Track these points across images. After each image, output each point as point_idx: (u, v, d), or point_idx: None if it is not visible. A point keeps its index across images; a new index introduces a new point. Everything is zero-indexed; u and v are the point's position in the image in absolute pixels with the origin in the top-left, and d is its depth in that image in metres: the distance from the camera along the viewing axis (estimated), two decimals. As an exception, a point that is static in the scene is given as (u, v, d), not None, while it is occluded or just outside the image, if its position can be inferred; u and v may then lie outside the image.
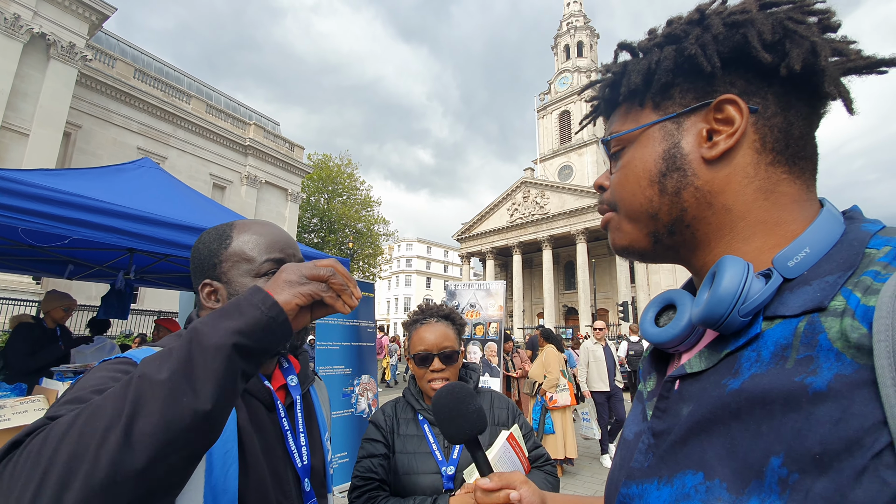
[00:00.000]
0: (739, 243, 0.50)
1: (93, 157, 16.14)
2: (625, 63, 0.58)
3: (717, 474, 0.40)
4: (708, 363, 0.47)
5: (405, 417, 1.47)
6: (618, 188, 0.58)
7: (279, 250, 0.90)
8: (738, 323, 0.44)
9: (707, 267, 0.54)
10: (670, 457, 0.46)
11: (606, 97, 0.62)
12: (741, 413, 0.40)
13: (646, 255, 0.58)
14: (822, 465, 0.34)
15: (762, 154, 0.50)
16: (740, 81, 0.50)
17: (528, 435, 1.47)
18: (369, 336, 4.84)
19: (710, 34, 0.50)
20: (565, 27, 48.69)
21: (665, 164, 0.53)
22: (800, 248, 0.46)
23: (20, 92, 13.02)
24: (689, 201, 0.52)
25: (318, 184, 29.95)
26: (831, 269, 0.43)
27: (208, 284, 0.88)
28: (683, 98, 0.53)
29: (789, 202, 0.49)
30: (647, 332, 0.56)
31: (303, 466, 0.91)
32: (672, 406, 0.49)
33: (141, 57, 21.97)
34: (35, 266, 4.85)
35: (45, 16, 13.51)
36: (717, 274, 0.46)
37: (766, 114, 0.49)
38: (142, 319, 15.10)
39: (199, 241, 0.93)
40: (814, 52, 0.47)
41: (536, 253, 39.85)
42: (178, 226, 3.24)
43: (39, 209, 2.58)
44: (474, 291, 6.84)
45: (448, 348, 1.44)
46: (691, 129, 0.52)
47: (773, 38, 0.48)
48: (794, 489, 0.35)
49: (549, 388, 5.75)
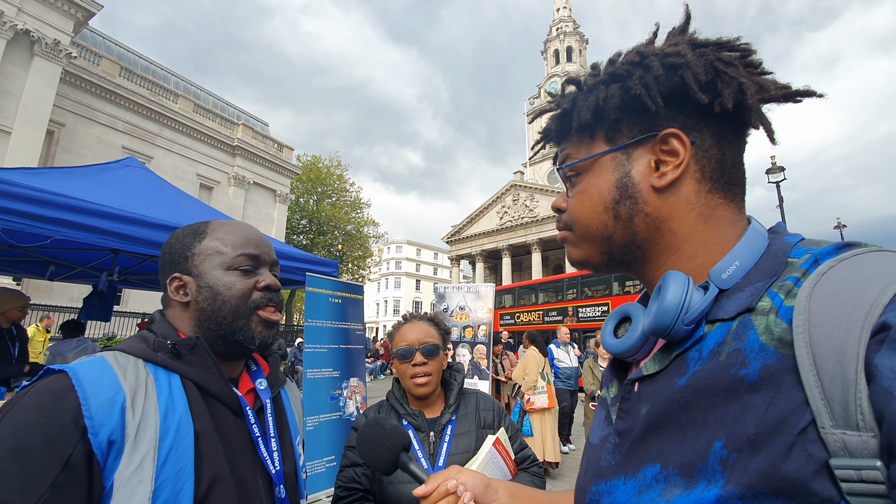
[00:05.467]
0: (684, 262, 0.56)
1: (76, 156, 15.85)
2: (574, 97, 0.63)
3: (671, 463, 0.45)
4: (661, 365, 0.52)
5: None
6: (575, 212, 0.63)
7: (254, 247, 0.90)
8: (682, 331, 0.49)
9: (656, 280, 0.59)
10: (633, 453, 0.50)
11: (557, 128, 0.66)
12: (689, 406, 0.45)
13: (600, 268, 0.64)
14: (756, 444, 0.38)
15: (702, 183, 0.55)
16: (680, 116, 0.56)
17: (514, 437, 1.47)
18: (358, 339, 4.81)
19: (652, 75, 0.55)
20: (555, 32, 49.09)
21: (618, 192, 0.58)
22: (731, 262, 0.51)
23: (2, 89, 12.77)
24: (640, 226, 0.57)
25: (307, 185, 29.74)
26: (759, 277, 0.49)
27: (177, 278, 0.87)
28: (631, 131, 0.58)
29: (725, 224, 0.55)
30: (607, 343, 0.61)
31: (276, 473, 0.88)
32: (633, 407, 0.54)
33: (127, 55, 21.68)
34: (15, 267, 4.74)
35: (30, 12, 13.28)
36: (662, 289, 0.51)
37: (703, 146, 0.55)
38: (125, 322, 14.83)
39: (173, 236, 0.92)
40: (741, 90, 0.53)
41: (526, 256, 39.97)
42: (163, 226, 3.20)
43: (20, 208, 2.53)
44: (464, 294, 6.84)
45: (429, 343, 1.44)
46: (640, 160, 0.57)
47: (707, 78, 0.53)
48: (733, 468, 0.39)
49: (526, 390, 5.77)
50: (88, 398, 0.66)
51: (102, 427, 0.66)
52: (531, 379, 5.79)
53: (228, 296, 0.85)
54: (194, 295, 0.86)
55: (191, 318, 0.86)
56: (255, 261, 0.90)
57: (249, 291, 0.87)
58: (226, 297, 0.85)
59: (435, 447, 1.39)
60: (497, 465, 1.18)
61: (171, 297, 0.87)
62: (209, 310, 0.85)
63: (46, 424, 0.63)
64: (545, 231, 35.49)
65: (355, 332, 4.77)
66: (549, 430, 5.78)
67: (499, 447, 1.20)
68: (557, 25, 49.36)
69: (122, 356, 0.76)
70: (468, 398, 1.53)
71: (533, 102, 49.30)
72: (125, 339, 0.83)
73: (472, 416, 1.47)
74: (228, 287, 0.85)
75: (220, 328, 0.85)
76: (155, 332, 0.84)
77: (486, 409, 1.51)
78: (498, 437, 1.22)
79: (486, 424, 1.47)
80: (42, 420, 0.63)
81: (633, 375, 0.56)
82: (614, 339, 0.60)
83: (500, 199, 40.06)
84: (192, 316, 0.86)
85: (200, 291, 0.85)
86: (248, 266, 0.88)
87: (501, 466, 1.20)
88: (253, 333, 0.86)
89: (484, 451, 1.17)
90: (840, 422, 0.36)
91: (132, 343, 0.80)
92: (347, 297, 4.69)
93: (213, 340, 0.85)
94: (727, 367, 0.43)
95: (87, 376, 0.69)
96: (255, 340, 0.86)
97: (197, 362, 0.81)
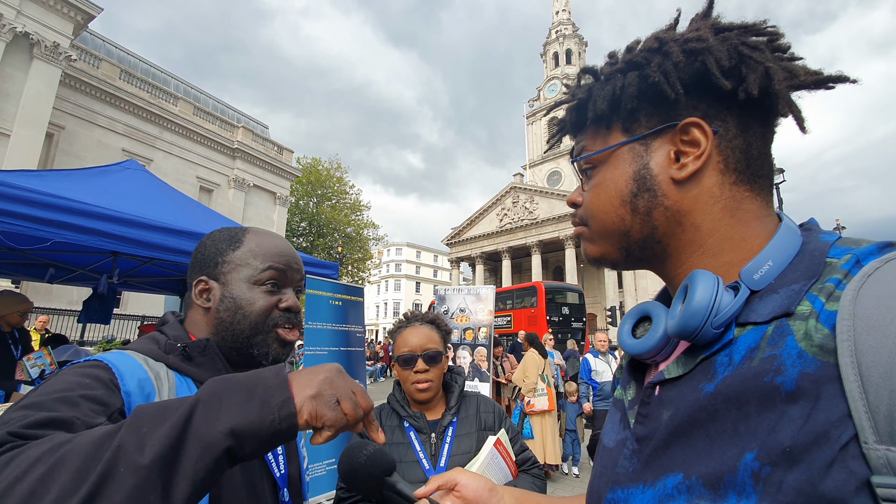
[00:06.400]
0: (709, 258, 0.53)
1: (76, 158, 15.86)
2: (590, 87, 0.60)
3: (695, 472, 0.42)
4: (684, 368, 0.49)
5: (390, 425, 1.45)
6: (591, 206, 0.60)
7: (283, 261, 0.89)
8: (711, 335, 0.47)
9: (679, 277, 0.56)
10: (654, 461, 0.47)
11: (573, 120, 0.64)
12: (718, 414, 0.42)
13: (618, 265, 0.62)
14: (792, 458, 0.36)
15: (726, 174, 0.52)
16: (702, 105, 0.53)
17: (514, 438, 1.46)
18: (358, 341, 4.80)
19: (671, 62, 0.52)
20: (554, 35, 49.26)
21: (636, 185, 0.55)
22: (763, 261, 0.49)
23: (2, 92, 12.79)
24: (659, 220, 0.55)
25: (307, 187, 29.78)
26: (796, 278, 0.46)
27: (203, 282, 0.87)
28: (649, 121, 0.55)
29: (752, 218, 0.52)
30: (625, 344, 0.58)
31: (281, 476, 0.88)
32: (653, 411, 0.51)
33: (127, 58, 21.70)
34: (14, 269, 4.74)
35: (29, 15, 13.30)
36: (690, 288, 0.48)
37: (727, 136, 0.52)
38: (125, 324, 14.81)
39: (209, 238, 0.92)
40: (768, 76, 0.50)
41: (525, 258, 39.99)
42: (163, 229, 3.20)
43: (19, 211, 2.53)
44: (464, 296, 6.84)
45: (432, 349, 1.44)
46: (659, 151, 0.55)
47: (730, 63, 0.50)
48: (767, 482, 0.37)
49: (526, 392, 5.77)
50: (124, 376, 0.69)
51: (135, 405, 0.67)
52: (531, 381, 5.79)
53: (250, 311, 0.85)
54: (216, 303, 0.86)
55: (209, 324, 0.86)
56: (282, 276, 0.89)
57: (270, 309, 0.87)
58: (247, 312, 0.85)
59: (436, 448, 1.39)
60: (498, 466, 1.18)
61: (193, 299, 0.87)
62: (228, 321, 0.85)
63: (93, 383, 0.65)
64: (545, 233, 35.53)
65: (355, 334, 4.77)
66: (550, 432, 5.79)
67: (500, 448, 1.20)
68: (557, 28, 49.53)
69: (140, 354, 0.77)
70: (469, 400, 1.53)
71: (532, 105, 49.45)
72: (136, 341, 0.83)
73: (472, 419, 1.47)
74: (251, 303, 0.85)
75: (236, 341, 0.85)
76: (166, 335, 0.84)
77: (486, 411, 1.51)
78: (499, 437, 1.22)
79: (486, 426, 1.47)
80: (87, 381, 0.65)
81: (653, 378, 0.53)
82: (633, 340, 0.58)
83: (499, 202, 40.11)
84: (210, 322, 0.86)
85: (223, 301, 0.85)
86: (273, 281, 0.88)
87: (503, 467, 1.19)
88: (269, 350, 0.86)
89: (485, 451, 1.17)
90: (885, 437, 0.33)
91: (144, 344, 0.81)
92: (348, 300, 4.69)
93: (226, 349, 0.86)
94: (760, 374, 0.41)
95: (118, 361, 0.71)
96: (269, 356, 0.86)
97: (207, 365, 0.82)
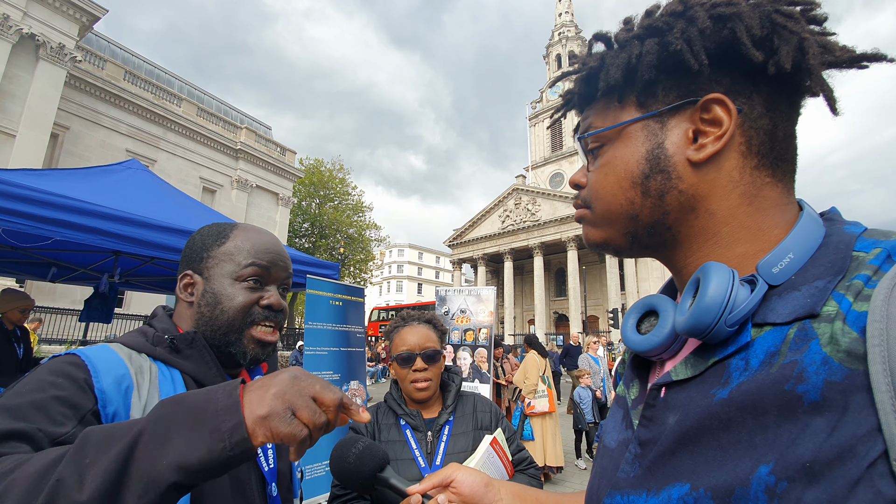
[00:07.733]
0: (723, 248, 0.49)
1: (80, 159, 15.92)
2: (602, 55, 0.54)
3: (703, 484, 0.39)
4: (694, 371, 0.45)
5: (387, 423, 1.45)
6: (596, 187, 0.55)
7: (267, 257, 0.88)
8: (724, 333, 0.43)
9: (688, 268, 0.52)
10: (658, 468, 0.44)
11: (581, 91, 0.57)
12: (731, 423, 0.39)
13: (621, 251, 0.57)
14: (813, 474, 0.33)
15: (748, 157, 0.47)
16: (726, 80, 0.47)
17: (511, 438, 1.46)
18: (358, 341, 4.80)
19: (696, 28, 0.47)
20: (557, 37, 49.26)
21: (649, 166, 0.50)
22: (783, 253, 0.44)
23: (7, 93, 12.85)
24: (672, 204, 0.50)
25: (309, 188, 29.81)
26: (819, 274, 0.41)
27: (188, 276, 0.88)
28: (666, 95, 0.50)
29: (771, 206, 0.48)
30: (630, 340, 0.54)
31: (269, 470, 0.88)
32: (658, 414, 0.47)
33: (131, 59, 21.80)
34: (17, 268, 4.76)
35: (35, 16, 13.37)
36: (702, 282, 0.44)
37: (752, 115, 0.47)
38: (127, 324, 14.85)
39: (199, 232, 0.92)
40: (801, 49, 0.45)
41: (528, 260, 39.96)
42: (164, 228, 3.21)
43: (21, 209, 2.54)
44: (465, 297, 6.83)
45: (430, 348, 1.44)
46: (675, 129, 0.49)
47: (762, 33, 0.45)
48: (783, 498, 0.33)
49: (527, 394, 5.76)
50: (99, 373, 0.69)
51: (110, 403, 0.67)
52: (531, 382, 5.78)
53: (228, 307, 0.84)
54: (198, 297, 0.86)
55: (191, 319, 0.87)
56: (266, 273, 0.88)
57: (250, 306, 0.86)
58: (225, 308, 0.84)
59: (432, 446, 1.39)
60: (494, 465, 1.18)
61: (178, 293, 0.88)
62: (208, 316, 0.85)
63: (65, 384, 0.65)
64: (547, 235, 35.47)
65: (356, 334, 4.77)
66: (550, 434, 5.76)
67: (496, 447, 1.20)
68: (559, 30, 49.52)
69: (125, 347, 0.77)
70: (466, 400, 1.53)
71: (535, 107, 49.43)
72: (125, 334, 0.83)
73: (469, 418, 1.47)
74: (231, 298, 0.85)
75: (214, 337, 0.84)
76: (154, 327, 0.85)
77: (483, 410, 1.51)
78: (495, 436, 1.22)
79: (482, 426, 1.47)
80: (60, 381, 0.65)
81: (659, 379, 0.49)
82: (637, 336, 0.53)
83: (502, 203, 40.07)
84: (192, 316, 0.87)
85: (205, 295, 0.85)
86: (256, 278, 0.87)
87: (498, 466, 1.19)
88: (245, 349, 0.85)
89: (481, 450, 1.16)
90: None
91: (132, 337, 0.81)
92: (348, 300, 4.69)
93: (210, 345, 0.86)
94: (780, 382, 0.37)
95: (94, 356, 0.71)
96: (246, 356, 0.86)
97: (195, 357, 0.82)
